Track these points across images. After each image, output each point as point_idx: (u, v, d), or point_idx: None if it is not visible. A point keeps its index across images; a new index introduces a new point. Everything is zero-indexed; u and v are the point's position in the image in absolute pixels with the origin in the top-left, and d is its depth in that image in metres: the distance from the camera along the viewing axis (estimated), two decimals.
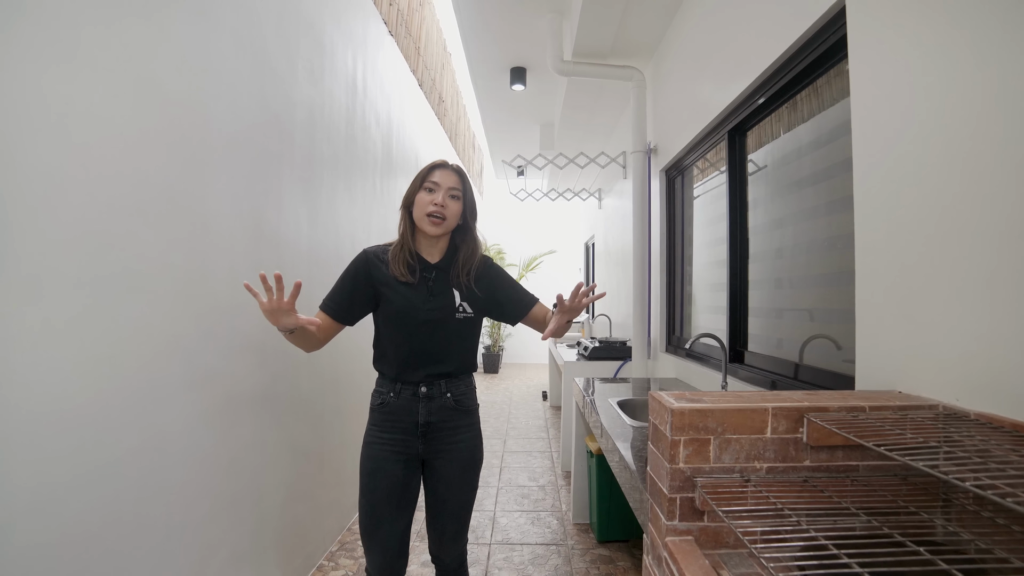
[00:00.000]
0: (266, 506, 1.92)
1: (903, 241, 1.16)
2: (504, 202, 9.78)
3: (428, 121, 4.79)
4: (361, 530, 1.52)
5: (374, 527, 1.49)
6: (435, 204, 1.47)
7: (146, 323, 1.33)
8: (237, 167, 1.72)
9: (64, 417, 1.11)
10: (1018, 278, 0.88)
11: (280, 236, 2.01)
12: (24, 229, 1.02)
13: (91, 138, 1.17)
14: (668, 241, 3.30)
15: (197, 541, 1.54)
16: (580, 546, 2.59)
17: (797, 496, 0.93)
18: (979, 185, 0.97)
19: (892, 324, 1.20)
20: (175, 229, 1.44)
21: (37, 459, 1.05)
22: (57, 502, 1.09)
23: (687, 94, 2.76)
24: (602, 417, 1.82)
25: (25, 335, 1.02)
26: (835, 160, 1.66)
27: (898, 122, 1.19)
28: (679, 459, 0.98)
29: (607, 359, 3.59)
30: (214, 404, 1.61)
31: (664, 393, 1.07)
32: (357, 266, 1.53)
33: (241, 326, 1.74)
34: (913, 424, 0.92)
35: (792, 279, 1.93)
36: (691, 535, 0.99)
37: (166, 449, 1.41)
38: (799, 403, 1.00)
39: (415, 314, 1.49)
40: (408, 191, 1.54)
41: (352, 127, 2.79)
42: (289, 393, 2.07)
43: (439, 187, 1.49)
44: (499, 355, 8.86)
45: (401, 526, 1.51)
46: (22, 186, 1.02)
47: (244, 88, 1.77)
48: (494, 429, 4.94)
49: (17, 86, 1.01)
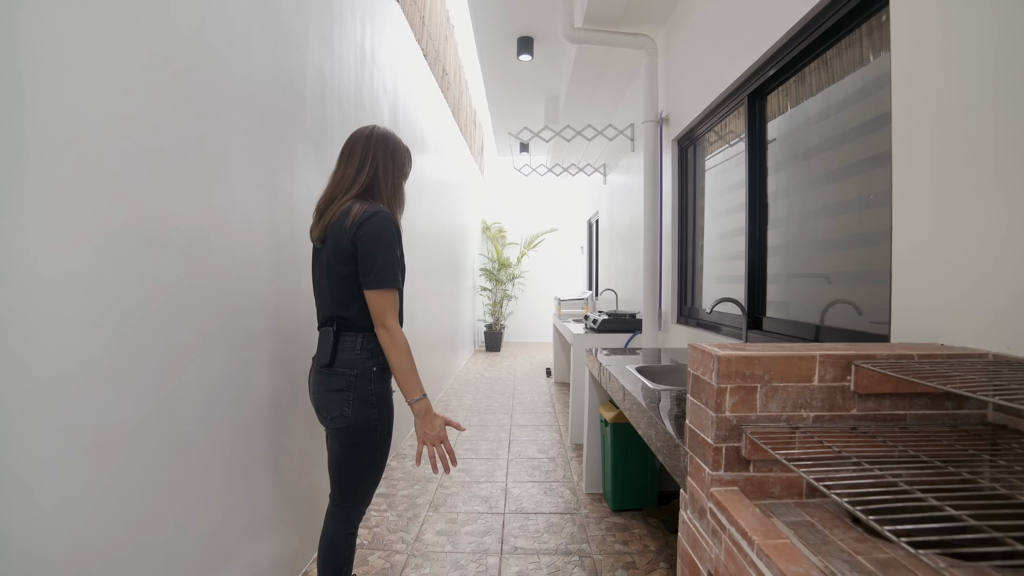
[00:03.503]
0: (283, 473, 1.90)
1: (944, 192, 1.13)
2: (505, 180, 9.70)
3: (432, 93, 4.71)
4: (372, 483, 1.59)
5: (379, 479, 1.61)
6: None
7: (163, 279, 1.30)
8: (251, 124, 1.68)
9: (87, 376, 1.08)
10: None
11: (293, 197, 1.97)
12: (43, 173, 0.98)
13: (106, 82, 1.12)
14: (680, 211, 3.27)
15: (218, 506, 1.52)
16: (594, 515, 2.59)
17: (846, 442, 0.91)
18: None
19: (932, 279, 1.17)
20: (190, 184, 1.39)
21: (61, 418, 1.02)
22: (81, 463, 1.07)
23: (702, 60, 2.70)
24: (624, 381, 1.81)
25: (45, 286, 0.99)
26: (860, 120, 1.63)
27: (941, 71, 1.15)
28: (725, 407, 0.95)
29: (617, 331, 3.58)
30: (230, 367, 1.58)
31: (706, 343, 1.04)
32: (399, 232, 1.57)
33: (255, 288, 1.71)
34: (968, 369, 0.90)
35: (811, 243, 1.90)
36: (736, 485, 0.97)
37: (184, 411, 1.38)
38: (846, 351, 0.98)
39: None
40: (405, 171, 1.68)
41: (360, 92, 2.73)
42: (303, 358, 2.04)
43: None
44: (501, 333, 8.86)
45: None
46: (40, 128, 0.97)
47: (258, 45, 1.71)
48: (500, 404, 4.94)
49: (35, 26, 0.96)
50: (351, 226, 1.46)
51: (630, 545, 2.29)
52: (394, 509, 2.66)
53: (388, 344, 1.46)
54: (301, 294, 2.01)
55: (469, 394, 5.40)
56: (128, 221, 1.18)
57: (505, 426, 4.20)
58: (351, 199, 1.52)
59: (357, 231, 1.45)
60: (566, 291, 9.24)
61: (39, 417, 0.98)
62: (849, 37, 1.69)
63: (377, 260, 1.45)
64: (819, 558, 0.75)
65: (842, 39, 1.71)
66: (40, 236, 0.98)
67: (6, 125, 0.91)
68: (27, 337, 0.95)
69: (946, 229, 1.14)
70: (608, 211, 5.79)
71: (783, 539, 0.79)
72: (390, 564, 2.15)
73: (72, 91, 1.04)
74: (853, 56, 1.67)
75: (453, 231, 6.22)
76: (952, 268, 1.12)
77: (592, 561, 2.16)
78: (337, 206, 1.51)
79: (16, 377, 0.93)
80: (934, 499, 0.66)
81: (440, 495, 2.84)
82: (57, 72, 1.01)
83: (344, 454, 1.53)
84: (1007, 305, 0.99)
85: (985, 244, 1.04)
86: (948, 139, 1.13)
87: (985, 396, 0.68)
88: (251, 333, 1.69)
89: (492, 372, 6.75)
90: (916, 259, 1.23)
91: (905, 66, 1.27)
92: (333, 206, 1.53)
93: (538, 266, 9.80)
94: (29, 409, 0.96)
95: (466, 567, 2.12)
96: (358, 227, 1.45)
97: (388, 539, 2.36)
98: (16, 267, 0.93)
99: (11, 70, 0.92)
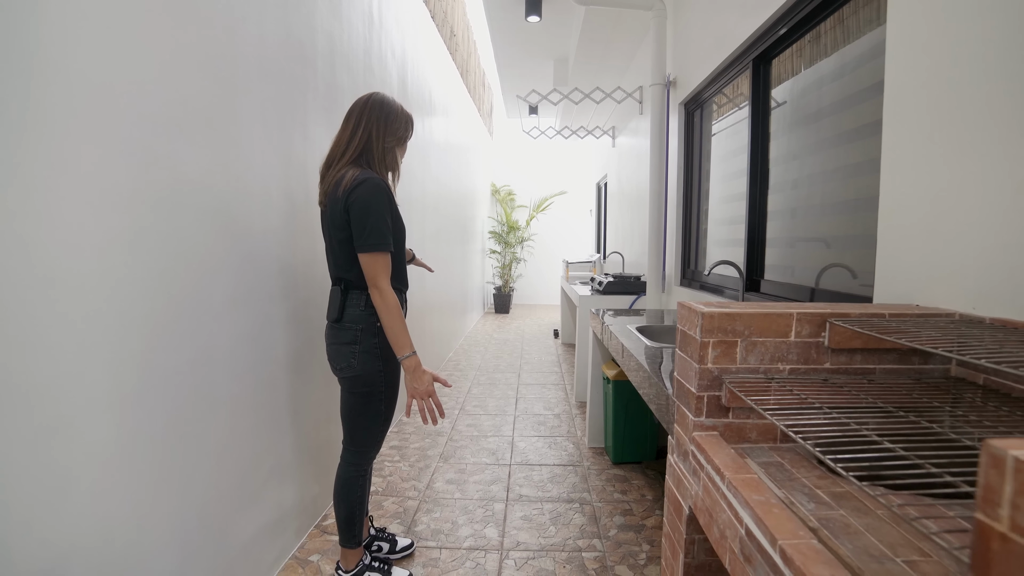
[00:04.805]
0: (302, 424, 2.03)
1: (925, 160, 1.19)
2: (514, 142, 9.66)
3: (440, 56, 4.70)
4: (379, 430, 1.74)
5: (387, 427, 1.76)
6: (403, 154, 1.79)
7: (194, 242, 1.39)
8: (265, 91, 1.74)
9: (130, 325, 1.19)
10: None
11: (307, 163, 2.05)
12: (80, 139, 1.06)
13: (135, 54, 1.19)
14: (685, 175, 3.30)
15: (248, 451, 1.66)
16: (596, 467, 2.73)
17: (818, 392, 1.00)
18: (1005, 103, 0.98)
19: (912, 241, 1.24)
20: (213, 150, 1.47)
21: (108, 363, 1.13)
22: (127, 404, 1.18)
23: (710, 22, 2.70)
24: (624, 341, 1.90)
25: (91, 247, 1.09)
26: (859, 88, 1.66)
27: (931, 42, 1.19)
28: (707, 360, 1.04)
29: (621, 293, 3.66)
30: (255, 324, 1.69)
31: (693, 301, 1.12)
32: (390, 196, 1.64)
33: (273, 250, 1.81)
34: (931, 327, 0.98)
35: (809, 208, 1.95)
36: (716, 430, 1.07)
37: (215, 364, 1.50)
38: (822, 310, 1.06)
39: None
40: (402, 135, 1.74)
41: (369, 57, 2.76)
42: (318, 319, 2.15)
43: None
44: (510, 296, 8.98)
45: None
46: (71, 94, 1.05)
47: (270, 12, 1.76)
48: (508, 364, 5.08)
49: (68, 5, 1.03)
50: (343, 193, 1.56)
51: (628, 494, 2.43)
52: (406, 460, 2.81)
53: (379, 303, 1.58)
54: (315, 258, 2.11)
55: (478, 354, 5.55)
56: (161, 188, 1.27)
57: (513, 384, 4.34)
58: (345, 165, 1.62)
59: (348, 198, 1.55)
60: (575, 254, 9.30)
61: (92, 359, 1.09)
62: (852, 4, 1.70)
63: (367, 225, 1.54)
64: (782, 491, 0.84)
65: (844, 5, 1.73)
66: (86, 203, 1.07)
67: (50, 104, 0.99)
68: (79, 291, 1.06)
69: (927, 196, 1.20)
70: (616, 174, 5.79)
71: (752, 475, 0.89)
72: (403, 509, 2.31)
73: (106, 64, 1.11)
74: (854, 24, 1.69)
75: (462, 194, 6.26)
76: (929, 233, 1.19)
77: (592, 508, 2.30)
78: (334, 172, 1.62)
79: (73, 326, 1.04)
80: (888, 442, 0.75)
81: (450, 447, 2.99)
82: (92, 47, 1.08)
83: (353, 402, 1.69)
84: (974, 268, 1.06)
85: (958, 211, 1.10)
86: (933, 109, 1.18)
87: (932, 348, 0.76)
88: (271, 294, 1.79)
89: (501, 333, 6.89)
90: (898, 224, 1.29)
91: (898, 39, 1.31)
92: (331, 171, 1.63)
93: (547, 229, 9.83)
94: (82, 354, 1.07)
95: (474, 512, 2.27)
96: (348, 194, 1.55)
97: (401, 487, 2.51)
98: (67, 229, 1.03)
99: (54, 48, 1.00)
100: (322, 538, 2.06)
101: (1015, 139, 0.97)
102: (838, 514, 0.77)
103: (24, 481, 0.96)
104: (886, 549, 0.69)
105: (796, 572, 0.65)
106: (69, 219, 1.04)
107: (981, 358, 0.70)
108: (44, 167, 0.98)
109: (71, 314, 1.05)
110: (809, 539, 0.70)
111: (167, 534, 1.31)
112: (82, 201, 1.06)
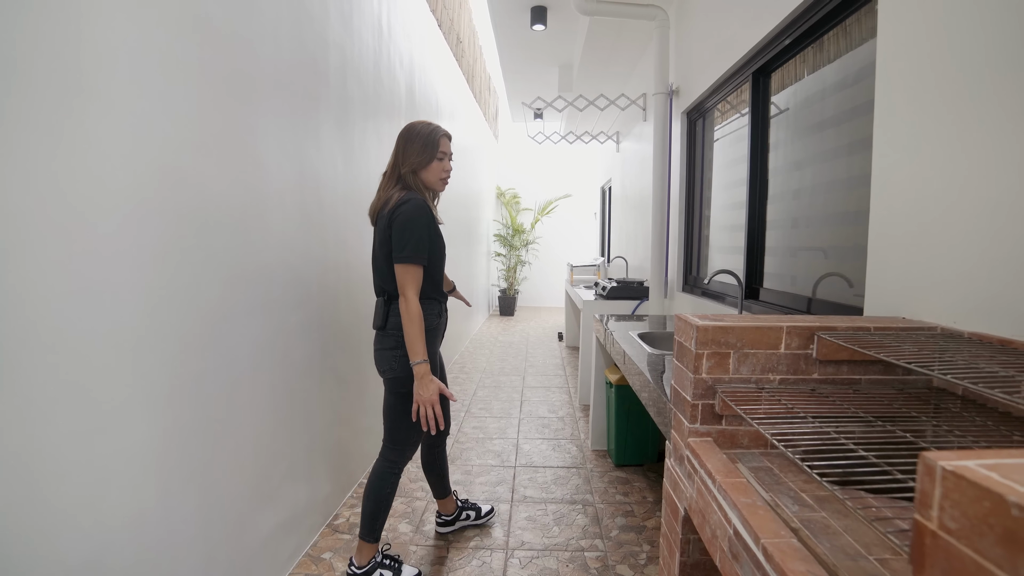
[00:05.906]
0: (315, 427, 2.11)
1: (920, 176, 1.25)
2: (520, 146, 9.73)
3: (447, 63, 4.77)
4: (416, 430, 1.85)
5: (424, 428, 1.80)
6: (446, 171, 1.87)
7: (217, 255, 1.47)
8: (281, 106, 1.82)
9: (160, 333, 1.26)
10: (1014, 207, 0.98)
11: (320, 177, 2.12)
12: (115, 163, 1.14)
13: (153, 69, 1.27)
14: (687, 183, 3.36)
15: (265, 452, 1.73)
16: (599, 469, 2.80)
17: (805, 402, 1.07)
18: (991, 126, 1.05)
19: (901, 255, 1.30)
20: (234, 166, 1.55)
21: (143, 369, 1.21)
22: (159, 408, 1.26)
23: (712, 34, 2.76)
24: (625, 347, 1.97)
25: (123, 259, 1.16)
26: (856, 102, 1.72)
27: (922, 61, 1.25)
28: (702, 370, 1.11)
29: (624, 298, 3.72)
30: (272, 331, 1.77)
31: (690, 314, 1.19)
32: (431, 215, 1.80)
33: (289, 260, 1.88)
34: (912, 341, 1.05)
35: (809, 218, 2.01)
36: (710, 436, 1.13)
37: (237, 370, 1.57)
38: (811, 323, 1.13)
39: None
40: (421, 158, 1.81)
41: (379, 69, 2.84)
42: (331, 327, 2.23)
43: (446, 155, 1.86)
44: (515, 298, 9.05)
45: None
46: (116, 128, 1.13)
47: (284, 29, 1.84)
48: (513, 367, 5.15)
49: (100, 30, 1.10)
50: (388, 212, 1.74)
51: (630, 496, 2.49)
52: (415, 461, 2.88)
53: (404, 310, 1.70)
54: (326, 267, 2.18)
55: (483, 357, 5.62)
56: (189, 205, 1.34)
57: (517, 387, 4.41)
58: (390, 188, 1.80)
59: (392, 216, 1.73)
60: (579, 257, 9.36)
61: (129, 365, 1.17)
62: (847, 21, 1.77)
63: (404, 239, 1.69)
64: (769, 494, 0.91)
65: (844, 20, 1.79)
66: (118, 217, 1.14)
67: (91, 131, 1.07)
68: (115, 303, 1.13)
69: (914, 210, 1.26)
70: (621, 179, 5.86)
71: (741, 479, 0.95)
72: (411, 509, 2.38)
73: (139, 93, 1.19)
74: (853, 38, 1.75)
75: (468, 197, 6.34)
76: (916, 246, 1.25)
77: (595, 509, 2.37)
78: (382, 192, 1.83)
79: (109, 335, 1.12)
80: (863, 450, 0.81)
81: (456, 449, 3.06)
82: (129, 76, 1.16)
83: (393, 402, 1.84)
84: (954, 282, 1.13)
85: (943, 226, 1.17)
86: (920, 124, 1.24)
87: (907, 364, 0.83)
88: (286, 303, 1.87)
89: (506, 336, 6.97)
90: (887, 236, 1.35)
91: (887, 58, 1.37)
92: (379, 192, 1.84)
93: (552, 232, 9.90)
94: (116, 359, 1.15)
95: None
96: (392, 213, 1.73)
97: (409, 487, 2.59)
98: (102, 240, 1.11)
99: (94, 77, 1.07)
100: (334, 536, 2.14)
101: (998, 156, 1.04)
102: (820, 516, 0.84)
103: (69, 478, 1.04)
104: (861, 548, 0.76)
105: (776, 568, 0.72)
106: (101, 229, 1.11)
107: (947, 373, 0.76)
108: (85, 187, 1.06)
109: (108, 324, 1.12)
110: (789, 538, 0.77)
111: (193, 528, 1.39)
112: (113, 217, 1.14)
